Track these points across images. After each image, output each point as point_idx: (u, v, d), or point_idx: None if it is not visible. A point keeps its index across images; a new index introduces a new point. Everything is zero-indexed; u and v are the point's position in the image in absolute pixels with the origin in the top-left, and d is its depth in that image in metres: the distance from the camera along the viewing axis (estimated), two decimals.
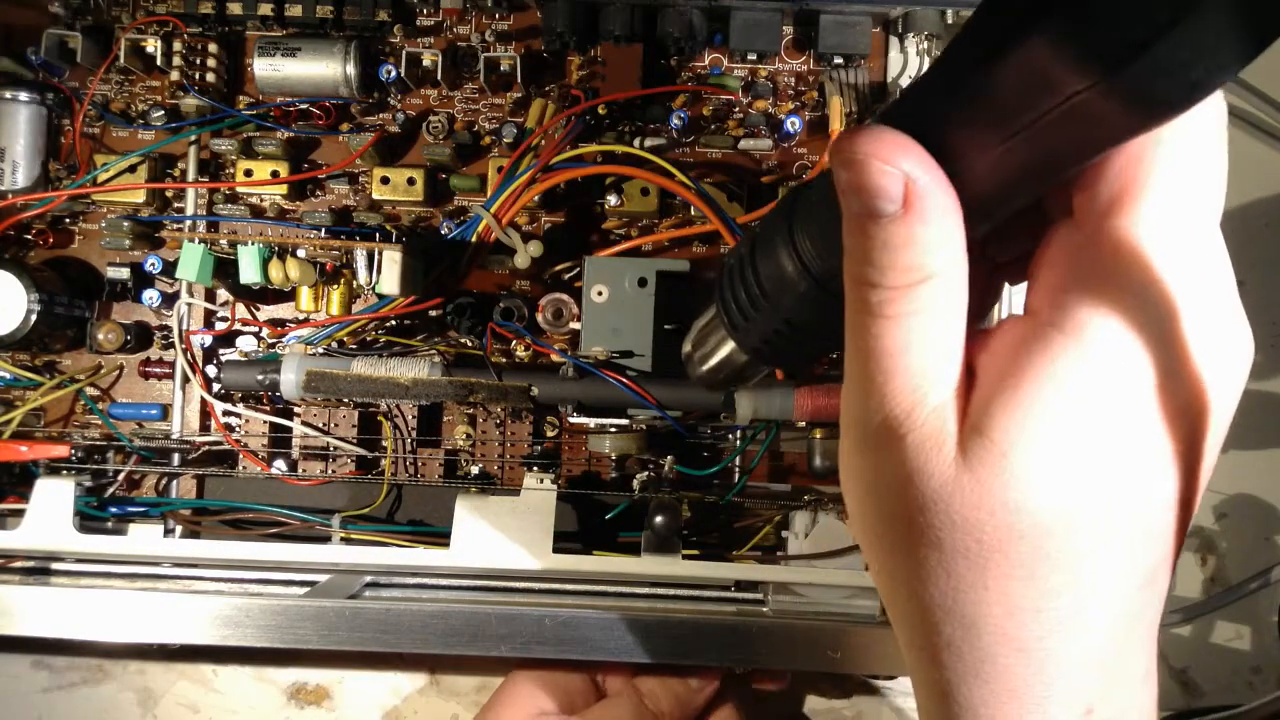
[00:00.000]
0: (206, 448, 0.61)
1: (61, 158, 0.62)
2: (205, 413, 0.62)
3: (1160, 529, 0.27)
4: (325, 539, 0.60)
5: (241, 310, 0.63)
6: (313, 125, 0.61)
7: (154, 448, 0.61)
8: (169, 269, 0.59)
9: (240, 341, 0.62)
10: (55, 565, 0.59)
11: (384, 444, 0.62)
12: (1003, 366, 0.26)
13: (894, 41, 0.62)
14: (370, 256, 0.54)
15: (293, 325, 0.62)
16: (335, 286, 0.59)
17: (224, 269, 0.57)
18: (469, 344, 0.59)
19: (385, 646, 0.53)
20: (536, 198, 0.58)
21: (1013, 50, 0.22)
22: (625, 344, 0.56)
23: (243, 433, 0.62)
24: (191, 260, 0.55)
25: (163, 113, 0.60)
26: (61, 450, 0.59)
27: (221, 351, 0.62)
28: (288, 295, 0.62)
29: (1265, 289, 0.69)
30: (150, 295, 0.61)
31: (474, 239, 0.57)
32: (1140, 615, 0.28)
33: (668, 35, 0.58)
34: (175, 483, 0.63)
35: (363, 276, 0.55)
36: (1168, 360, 0.26)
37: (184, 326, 0.61)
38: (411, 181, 0.61)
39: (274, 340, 0.61)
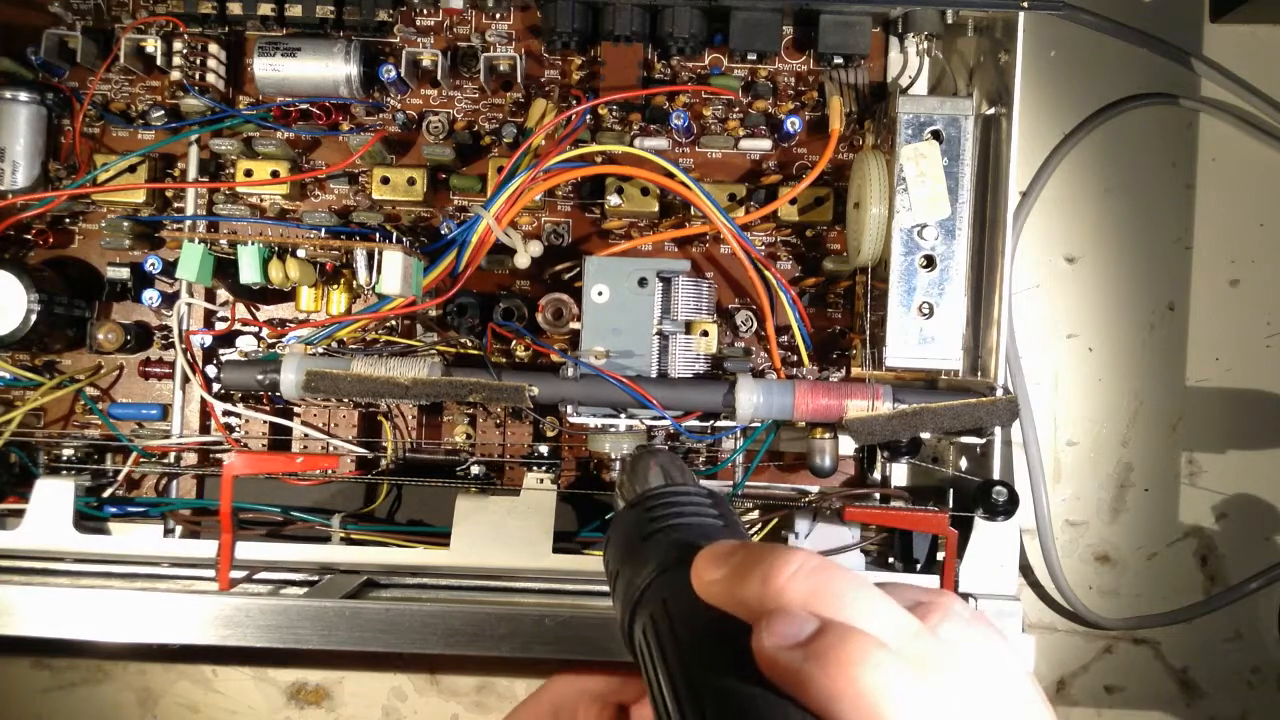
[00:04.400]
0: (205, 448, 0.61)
1: (61, 158, 0.62)
2: (205, 413, 0.62)
3: None
4: (325, 539, 0.60)
5: (241, 310, 0.63)
6: (313, 125, 0.61)
7: (154, 448, 0.61)
8: (169, 269, 0.59)
9: (240, 341, 0.62)
10: (55, 565, 0.59)
11: (384, 444, 0.62)
12: None
13: (894, 41, 0.62)
14: (370, 256, 0.54)
15: (293, 325, 0.62)
16: (335, 286, 0.59)
17: (224, 269, 0.57)
18: (469, 344, 0.59)
19: (385, 646, 0.52)
20: (537, 197, 0.58)
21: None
22: (625, 344, 0.56)
23: (243, 433, 0.62)
24: (191, 260, 0.55)
25: (163, 113, 0.60)
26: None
27: (221, 351, 0.62)
28: (288, 295, 0.62)
29: (1262, 289, 0.69)
30: (150, 295, 0.61)
31: (474, 239, 0.57)
32: None
33: (668, 35, 0.58)
34: (175, 483, 0.63)
35: (363, 276, 0.55)
36: None
37: (184, 326, 0.61)
38: (411, 181, 0.61)
39: (274, 340, 0.61)
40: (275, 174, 0.61)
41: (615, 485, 0.42)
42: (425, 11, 0.62)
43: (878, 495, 0.61)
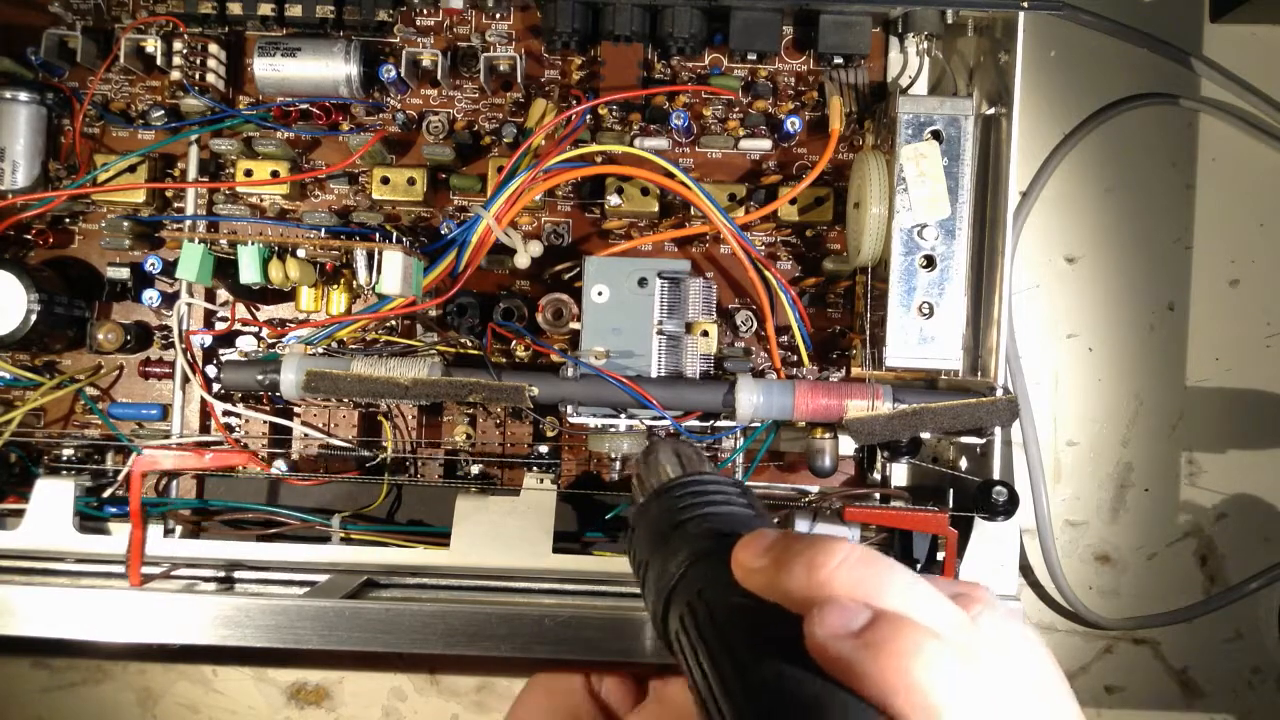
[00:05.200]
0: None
1: (61, 158, 0.62)
2: (205, 413, 0.62)
3: None
4: (325, 539, 0.60)
5: (241, 310, 0.63)
6: (313, 125, 0.61)
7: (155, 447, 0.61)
8: (169, 269, 0.59)
9: (240, 341, 0.62)
10: (55, 565, 0.59)
11: (384, 444, 0.62)
12: None
13: (894, 41, 0.62)
14: (370, 256, 0.54)
15: (293, 325, 0.62)
16: (335, 286, 0.59)
17: (224, 269, 0.57)
18: (469, 344, 0.59)
19: (385, 646, 0.52)
20: (537, 197, 0.58)
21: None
22: (625, 344, 0.56)
23: (243, 433, 0.62)
24: (191, 260, 0.55)
25: (163, 113, 0.60)
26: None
27: (221, 351, 0.62)
28: (288, 295, 0.62)
29: (1262, 289, 0.69)
30: (150, 295, 0.61)
31: (474, 239, 0.57)
32: None
33: (668, 35, 0.58)
34: (175, 483, 0.63)
35: (363, 276, 0.55)
36: None
37: (184, 326, 0.61)
38: (411, 181, 0.61)
39: (274, 340, 0.61)
40: (275, 174, 0.61)
41: (634, 477, 0.42)
42: (425, 11, 0.62)
43: (878, 495, 0.61)
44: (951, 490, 0.60)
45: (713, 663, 0.28)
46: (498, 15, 0.62)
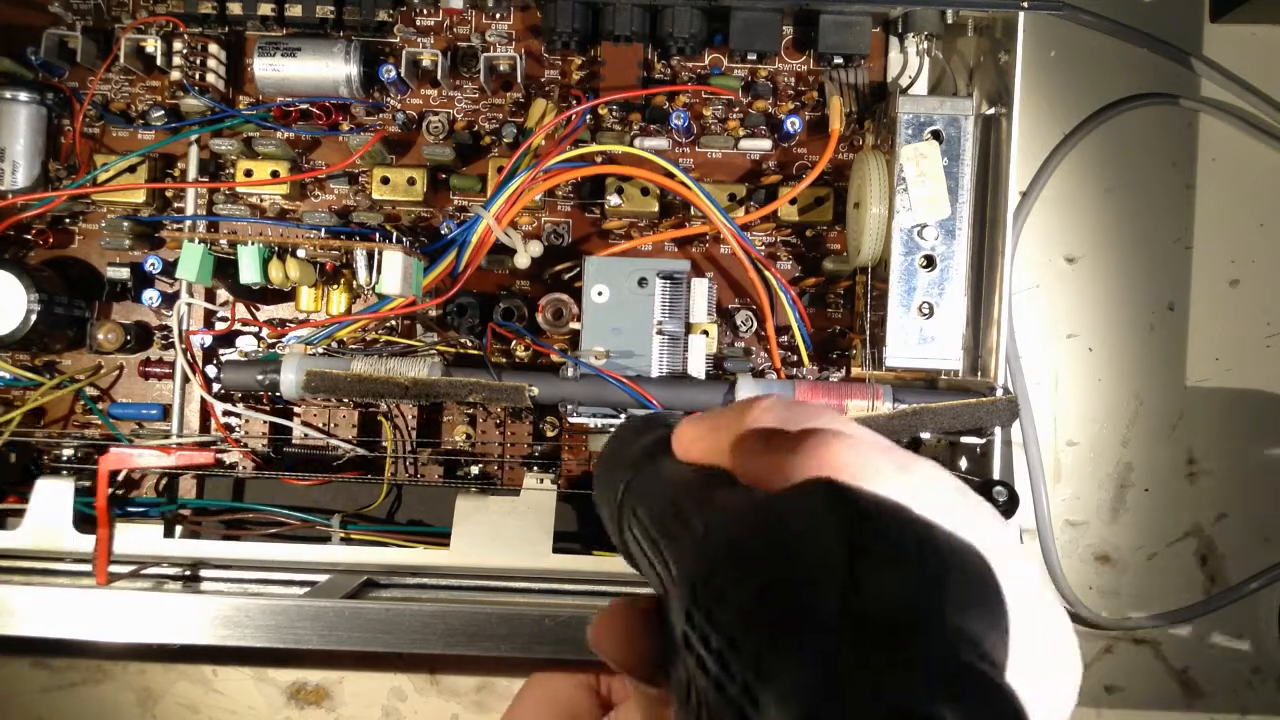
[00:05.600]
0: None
1: (61, 158, 0.62)
2: (205, 413, 0.62)
3: None
4: (325, 539, 0.60)
5: (241, 310, 0.63)
6: (313, 125, 0.61)
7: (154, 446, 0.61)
8: (169, 269, 0.59)
9: (240, 341, 0.62)
10: (55, 565, 0.59)
11: (384, 444, 0.62)
12: None
13: (894, 41, 0.62)
14: (370, 256, 0.54)
15: (293, 325, 0.62)
16: (335, 286, 0.59)
17: (224, 269, 0.57)
18: (469, 344, 0.59)
19: (385, 646, 0.52)
20: (537, 197, 0.58)
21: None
22: (625, 344, 0.56)
23: (243, 433, 0.62)
24: (191, 260, 0.55)
25: (163, 113, 0.60)
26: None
27: (221, 351, 0.62)
28: (288, 295, 0.62)
29: (1262, 289, 0.69)
30: (150, 295, 0.61)
31: (474, 239, 0.57)
32: None
33: (668, 35, 0.58)
34: (175, 483, 0.63)
35: (363, 276, 0.55)
36: None
37: (184, 326, 0.61)
38: (411, 181, 0.61)
39: (274, 340, 0.61)
40: (275, 174, 0.61)
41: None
42: (425, 11, 0.62)
43: None
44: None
45: (661, 541, 0.27)
46: (498, 15, 0.62)
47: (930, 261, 0.54)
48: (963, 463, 0.59)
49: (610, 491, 0.32)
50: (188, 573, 0.60)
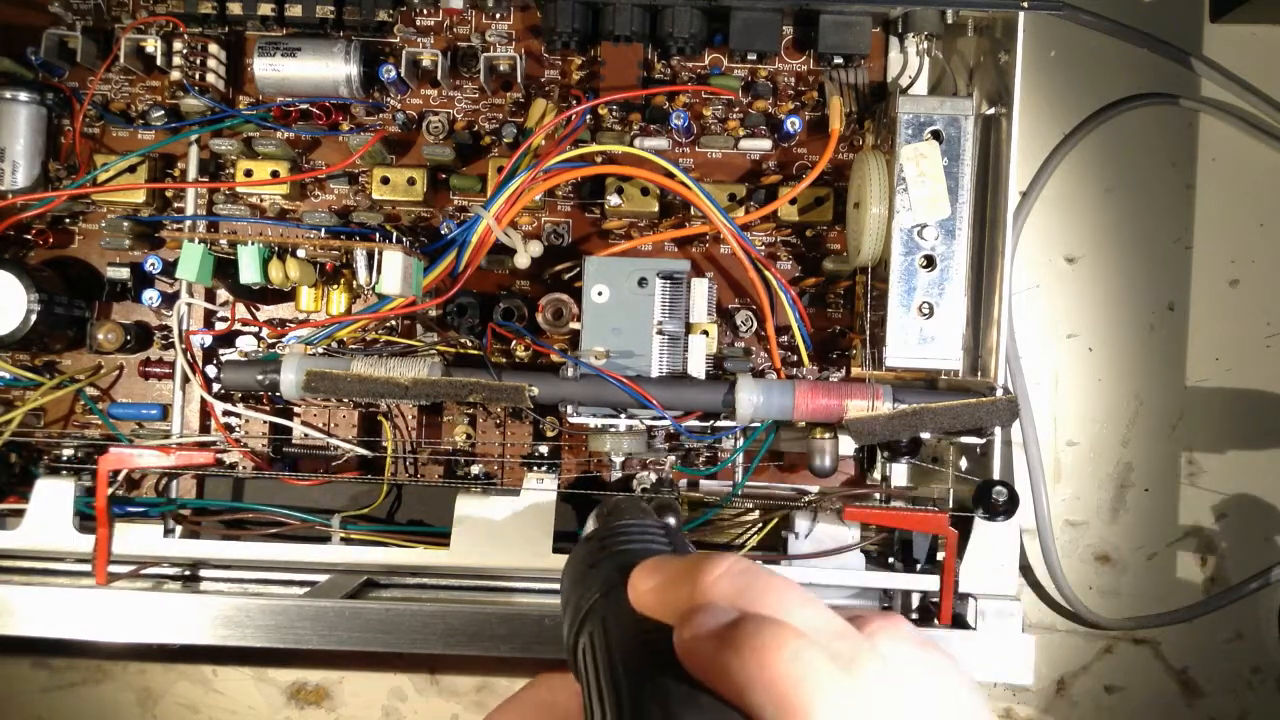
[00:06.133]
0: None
1: (61, 158, 0.62)
2: (205, 413, 0.62)
3: None
4: (325, 539, 0.60)
5: (241, 310, 0.63)
6: (313, 125, 0.61)
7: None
8: (169, 269, 0.59)
9: (240, 341, 0.62)
10: (55, 565, 0.59)
11: (384, 444, 0.62)
12: None
13: (894, 41, 0.62)
14: (370, 256, 0.54)
15: (293, 325, 0.62)
16: (335, 286, 0.59)
17: (224, 269, 0.57)
18: (469, 344, 0.59)
19: (385, 646, 0.53)
20: (537, 197, 0.58)
21: None
22: (625, 344, 0.56)
23: (243, 433, 0.62)
24: (191, 260, 0.55)
25: (163, 113, 0.60)
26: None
27: (221, 351, 0.62)
28: (288, 295, 0.62)
29: (1262, 289, 0.69)
30: (150, 295, 0.61)
31: (474, 239, 0.57)
32: None
33: (668, 35, 0.58)
34: (175, 483, 0.63)
35: (363, 276, 0.55)
36: None
37: (184, 326, 0.61)
38: (411, 181, 0.61)
39: (274, 340, 0.61)
40: (275, 174, 0.61)
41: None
42: (425, 11, 0.62)
43: (877, 495, 0.61)
44: (951, 490, 0.60)
45: (597, 684, 0.29)
46: (498, 15, 0.62)
47: (930, 261, 0.54)
48: (963, 463, 0.59)
49: (575, 597, 0.34)
50: (188, 573, 0.60)
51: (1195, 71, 0.69)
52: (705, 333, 0.58)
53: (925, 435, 0.55)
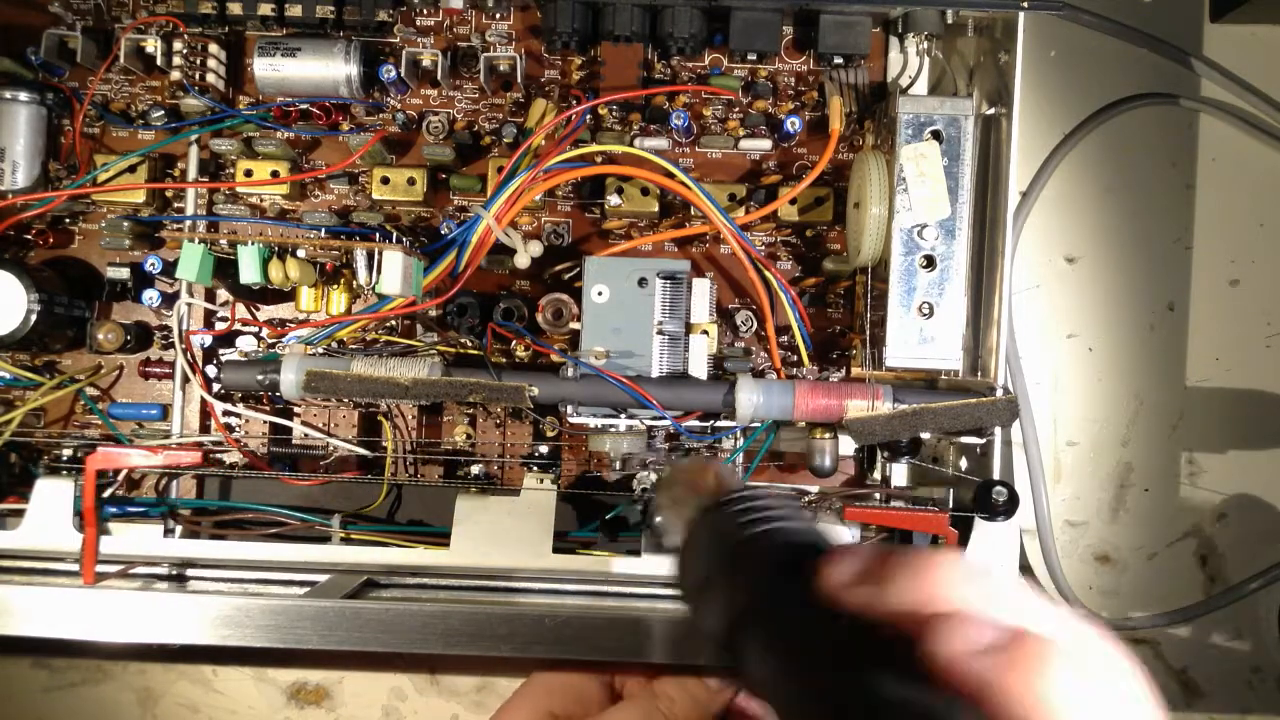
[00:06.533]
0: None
1: (61, 158, 0.62)
2: (205, 413, 0.62)
3: None
4: (325, 539, 0.60)
5: (241, 310, 0.63)
6: (313, 125, 0.61)
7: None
8: (169, 269, 0.59)
9: (240, 341, 0.62)
10: (55, 565, 0.59)
11: (384, 444, 0.62)
12: None
13: (894, 41, 0.62)
14: (370, 256, 0.54)
15: (293, 325, 0.62)
16: (335, 286, 0.59)
17: (224, 269, 0.57)
18: (469, 344, 0.59)
19: (385, 646, 0.52)
20: (537, 197, 0.58)
21: None
22: (625, 344, 0.56)
23: (243, 433, 0.62)
24: (191, 260, 0.55)
25: (163, 113, 0.60)
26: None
27: (221, 351, 0.62)
28: (288, 295, 0.62)
29: (1262, 289, 0.69)
30: (150, 295, 0.61)
31: (474, 239, 0.57)
32: None
33: (668, 35, 0.58)
34: (175, 483, 0.63)
35: (363, 276, 0.55)
36: None
37: (184, 326, 0.61)
38: (411, 181, 0.61)
39: (274, 340, 0.61)
40: (275, 174, 0.61)
41: (661, 492, 0.39)
42: (425, 11, 0.62)
43: (878, 495, 0.61)
44: (951, 490, 0.60)
45: (818, 687, 0.27)
46: (498, 15, 0.62)
47: (930, 261, 0.54)
48: (963, 463, 0.59)
49: (728, 579, 0.31)
50: (187, 573, 0.60)
51: (1195, 71, 0.69)
52: (705, 333, 0.58)
53: (925, 435, 0.55)
